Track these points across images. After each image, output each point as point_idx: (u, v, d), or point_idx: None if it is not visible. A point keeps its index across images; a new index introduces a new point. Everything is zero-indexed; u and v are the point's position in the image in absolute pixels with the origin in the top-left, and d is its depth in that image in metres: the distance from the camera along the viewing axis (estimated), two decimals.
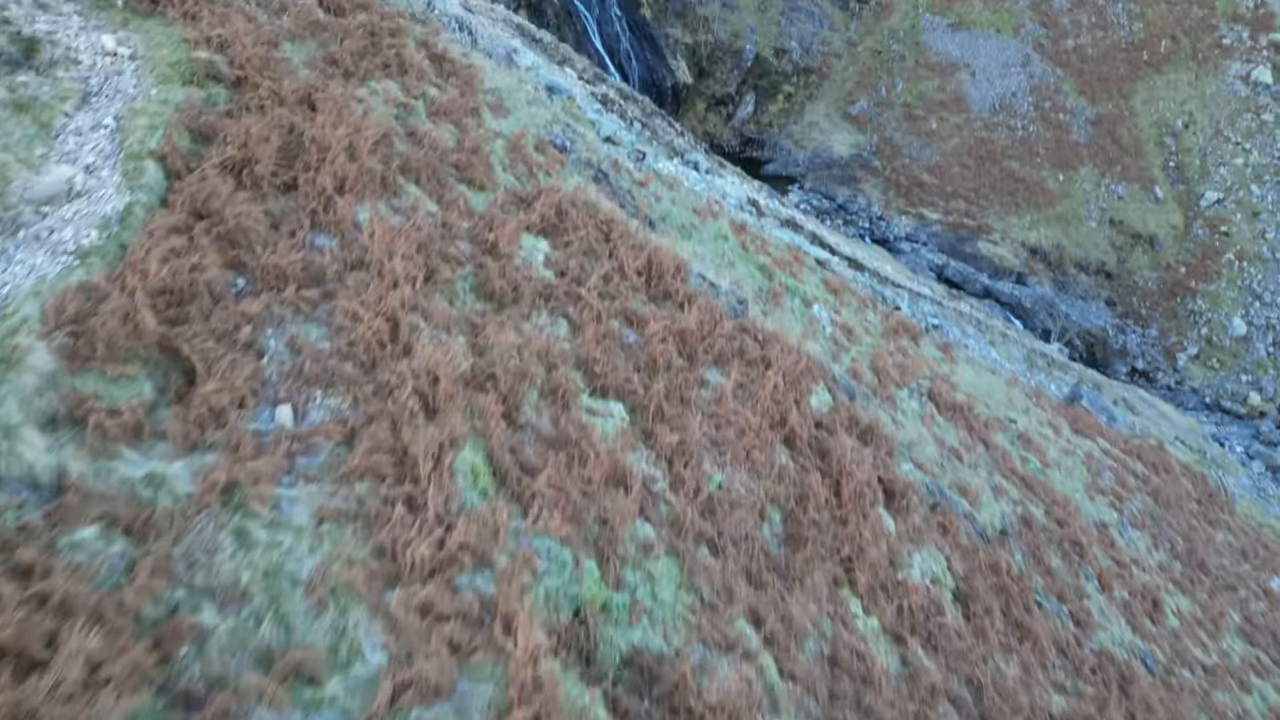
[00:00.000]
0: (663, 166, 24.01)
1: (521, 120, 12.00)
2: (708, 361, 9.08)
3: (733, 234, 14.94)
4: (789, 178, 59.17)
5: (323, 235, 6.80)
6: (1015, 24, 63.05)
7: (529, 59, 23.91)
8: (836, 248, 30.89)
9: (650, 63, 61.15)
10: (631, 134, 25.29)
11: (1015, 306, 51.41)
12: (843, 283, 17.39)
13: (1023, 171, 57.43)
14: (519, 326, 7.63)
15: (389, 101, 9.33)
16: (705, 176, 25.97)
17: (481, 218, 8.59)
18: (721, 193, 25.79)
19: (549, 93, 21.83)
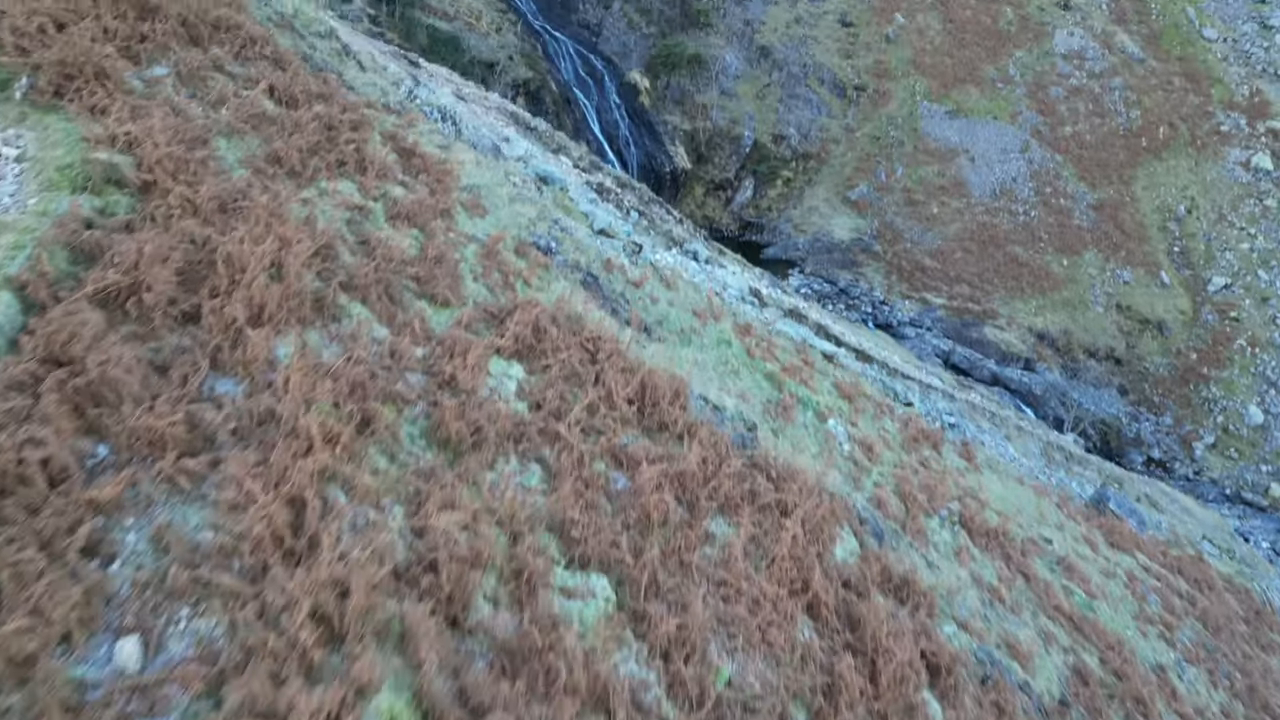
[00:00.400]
0: (660, 258, 22.96)
1: (501, 220, 10.79)
2: (712, 510, 7.58)
3: (737, 338, 13.63)
4: (789, 262, 58.66)
5: (225, 380, 5.40)
6: (1012, 111, 63.63)
7: (521, 148, 23.13)
8: (842, 338, 29.70)
9: (649, 149, 61.45)
10: (628, 224, 24.34)
11: (1025, 394, 50.06)
12: (856, 387, 16.02)
13: (1026, 256, 56.93)
14: (478, 482, 6.17)
15: (341, 205, 8.08)
16: (705, 267, 24.93)
17: (441, 341, 7.22)
18: (722, 283, 24.71)
19: (541, 183, 20.92)
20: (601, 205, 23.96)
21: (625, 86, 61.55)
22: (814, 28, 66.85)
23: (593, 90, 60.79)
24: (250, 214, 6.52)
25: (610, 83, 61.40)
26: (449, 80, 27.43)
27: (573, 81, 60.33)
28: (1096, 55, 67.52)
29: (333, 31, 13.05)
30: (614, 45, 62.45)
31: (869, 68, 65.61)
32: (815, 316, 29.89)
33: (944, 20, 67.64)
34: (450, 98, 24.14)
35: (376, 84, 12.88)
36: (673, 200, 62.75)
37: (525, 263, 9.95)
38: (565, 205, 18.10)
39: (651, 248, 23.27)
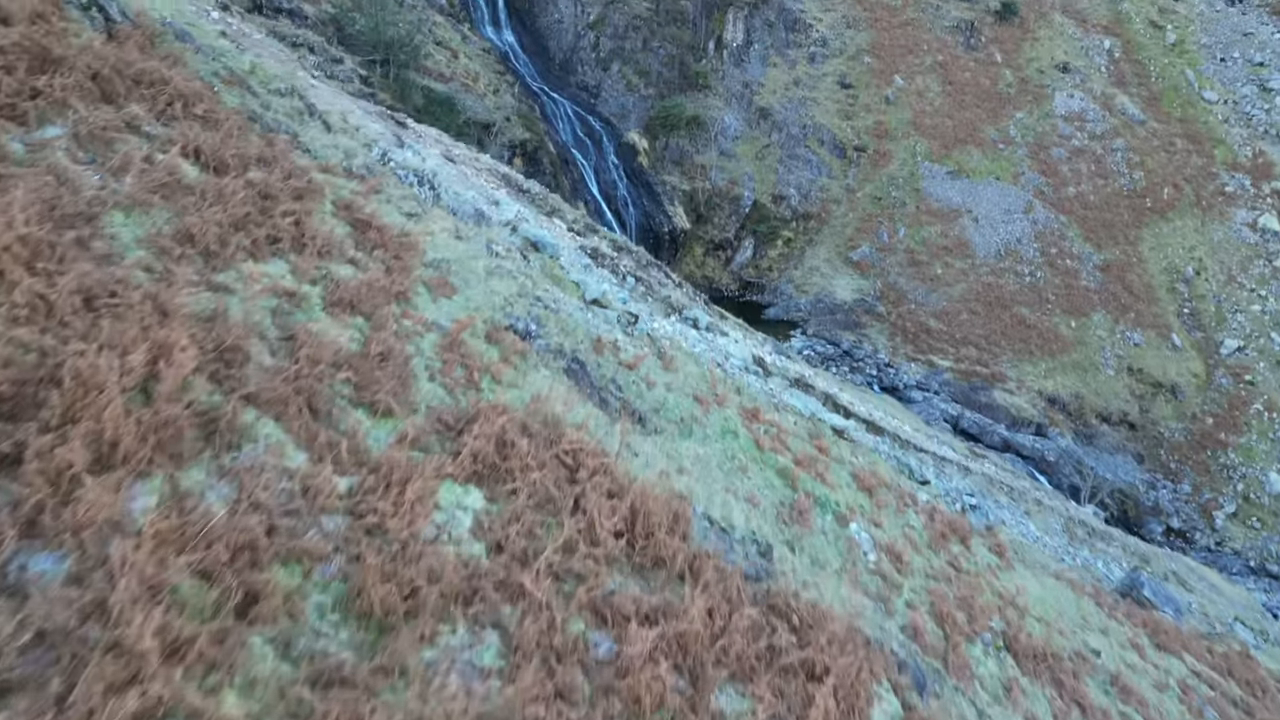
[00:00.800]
0: (659, 326, 21.60)
1: (473, 300, 9.37)
2: (721, 680, 5.97)
3: (743, 426, 12.12)
4: (791, 322, 57.51)
5: (42, 555, 3.87)
6: (1014, 172, 63.22)
7: (512, 211, 21.95)
8: (852, 408, 28.18)
9: (647, 209, 60.84)
10: (624, 290, 23.03)
11: (1039, 461, 48.33)
12: (875, 475, 14.43)
13: (1034, 318, 55.76)
14: (408, 671, 4.59)
15: (266, 292, 6.65)
16: (706, 335, 23.55)
17: (376, 467, 5.71)
18: (724, 353, 23.30)
19: (531, 249, 19.65)
20: (596, 271, 22.69)
21: (623, 147, 61.22)
22: (813, 89, 66.92)
23: (591, 151, 60.42)
24: (125, 312, 5.06)
25: (608, 143, 61.09)
26: (439, 141, 26.45)
27: (571, 142, 59.98)
28: (1097, 117, 67.48)
29: (294, 89, 11.84)
30: (612, 107, 62.32)
31: (869, 128, 65.45)
32: (822, 386, 28.41)
33: (943, 82, 67.76)
34: (437, 159, 23.06)
35: (341, 146, 11.62)
36: (672, 260, 61.91)
37: (498, 352, 8.50)
38: (555, 274, 16.76)
39: (649, 316, 21.92)
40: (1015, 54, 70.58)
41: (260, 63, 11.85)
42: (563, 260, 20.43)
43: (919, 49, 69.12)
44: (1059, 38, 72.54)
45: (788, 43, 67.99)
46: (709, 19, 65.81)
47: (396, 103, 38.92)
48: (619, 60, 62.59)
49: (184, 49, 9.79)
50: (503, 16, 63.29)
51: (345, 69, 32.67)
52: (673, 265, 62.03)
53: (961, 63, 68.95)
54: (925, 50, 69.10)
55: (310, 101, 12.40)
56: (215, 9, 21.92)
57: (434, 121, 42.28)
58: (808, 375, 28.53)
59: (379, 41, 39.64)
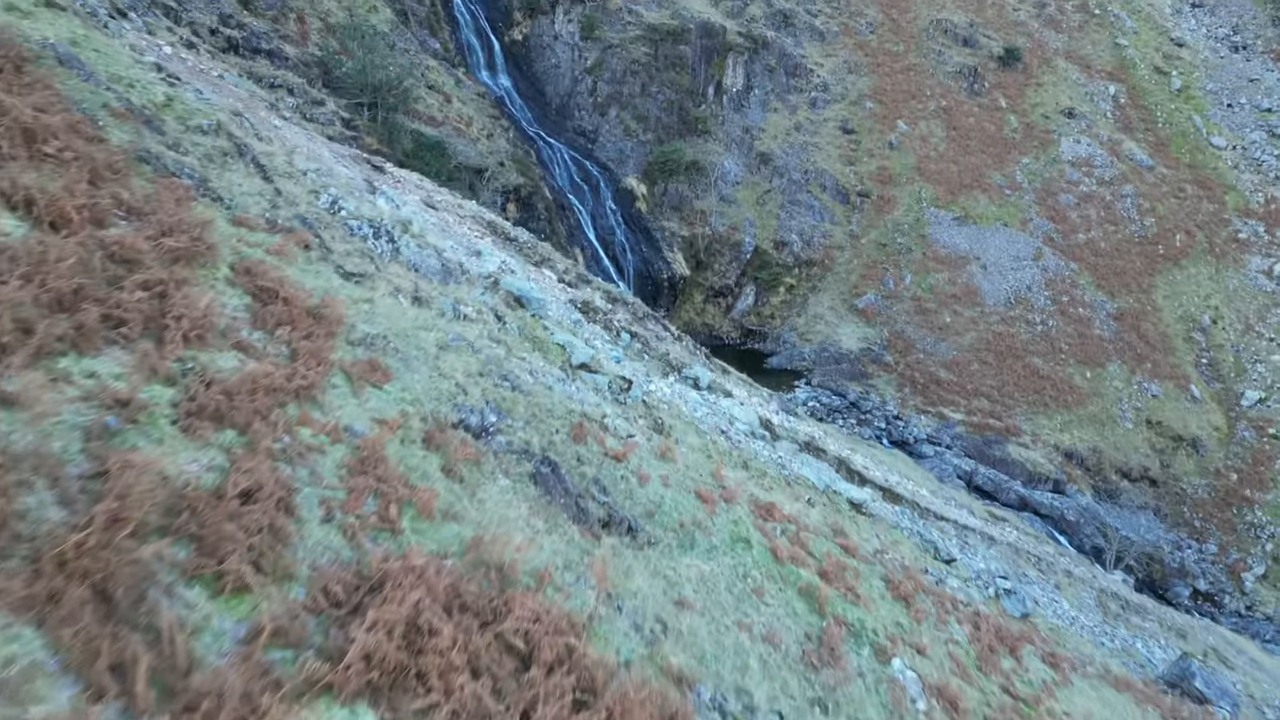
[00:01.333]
0: (656, 389, 19.57)
1: (414, 388, 7.32)
2: None
3: (756, 529, 10.00)
4: (795, 372, 55.51)
5: None
6: (1023, 218, 61.79)
7: (494, 262, 20.07)
8: (867, 473, 26.02)
9: (646, 255, 59.27)
10: (618, 348, 21.05)
11: (1058, 520, 45.94)
12: (910, 577, 12.27)
13: (1047, 368, 53.77)
14: None
15: (81, 402, 4.62)
16: (708, 397, 21.50)
17: (201, 696, 3.61)
18: (729, 417, 21.23)
19: (515, 305, 17.71)
20: (587, 327, 20.73)
21: (621, 193, 59.85)
22: (815, 134, 65.84)
23: (588, 197, 59.04)
24: None
25: (606, 189, 59.73)
26: (419, 187, 24.71)
27: (567, 188, 58.61)
28: (1105, 162, 66.32)
29: (220, 127, 9.94)
30: (610, 152, 61.11)
31: (872, 174, 64.21)
32: (834, 449, 26.27)
33: (947, 127, 66.73)
34: (415, 206, 21.25)
35: (271, 193, 9.68)
36: (671, 308, 60.15)
37: (438, 461, 6.43)
38: (537, 336, 14.77)
39: (645, 378, 19.90)
40: (1019, 99, 69.72)
41: (181, 96, 10.00)
42: (549, 317, 18.50)
43: (922, 94, 68.25)
44: (1063, 83, 71.78)
45: (788, 88, 67.12)
46: (708, 64, 65.00)
47: (384, 147, 37.42)
48: (617, 105, 61.57)
49: (63, 74, 7.89)
50: (499, 61, 62.41)
51: (326, 111, 31.14)
52: (672, 313, 60.27)
53: (965, 108, 68.02)
54: (928, 95, 68.23)
55: (244, 141, 10.50)
56: (173, 45, 20.26)
57: (424, 166, 40.78)
58: (818, 437, 26.41)
59: (366, 84, 38.27)
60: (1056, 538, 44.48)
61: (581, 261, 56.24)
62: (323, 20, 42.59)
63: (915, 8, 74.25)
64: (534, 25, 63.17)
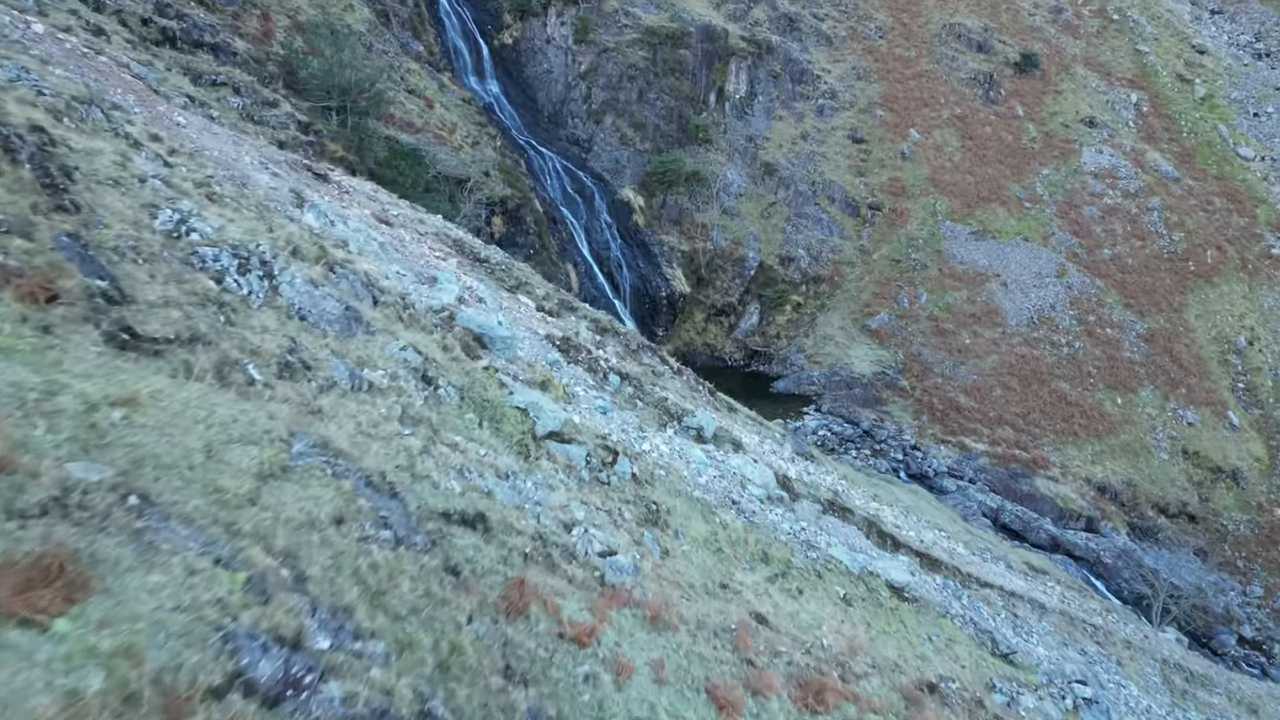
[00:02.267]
0: (650, 450, 15.86)
1: (141, 607, 3.63)
2: None
3: None
4: (803, 397, 51.76)
5: None
6: (1044, 232, 58.24)
7: (452, 291, 16.40)
8: (900, 534, 22.27)
9: (643, 271, 55.66)
10: (604, 395, 17.35)
11: (1094, 563, 42.14)
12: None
13: (1075, 394, 50.07)
14: None
15: None
16: (714, 455, 17.78)
17: None
18: (739, 478, 17.50)
19: (473, 347, 14.07)
20: (567, 369, 17.05)
21: (617, 205, 56.29)
22: (822, 144, 62.39)
23: (582, 209, 55.48)
24: None
25: (601, 201, 56.17)
26: (373, 199, 21.08)
27: (560, 200, 55.06)
28: (1129, 174, 62.86)
29: None
30: (605, 162, 57.60)
31: (884, 185, 60.71)
32: (860, 504, 22.54)
33: (962, 137, 63.30)
34: (359, 223, 17.61)
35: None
36: (670, 327, 56.48)
37: None
38: (488, 399, 11.07)
39: (637, 436, 16.20)
40: (1038, 107, 66.34)
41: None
42: (516, 365, 14.79)
43: (935, 101, 64.87)
44: (1082, 91, 68.44)
45: (794, 95, 63.71)
46: (709, 69, 61.59)
47: (350, 154, 33.81)
48: (612, 112, 58.10)
49: None
50: (487, 66, 58.99)
51: (279, 114, 27.54)
52: (671, 332, 56.60)
53: (981, 116, 64.62)
54: (942, 103, 64.84)
55: (56, 136, 6.87)
56: (66, 30, 16.69)
57: (397, 176, 37.19)
58: (841, 492, 22.66)
59: (334, 86, 34.71)
60: (1094, 584, 40.69)
61: (574, 278, 52.65)
62: (291, 18, 39.12)
63: (926, 12, 70.99)
64: (525, 28, 59.77)
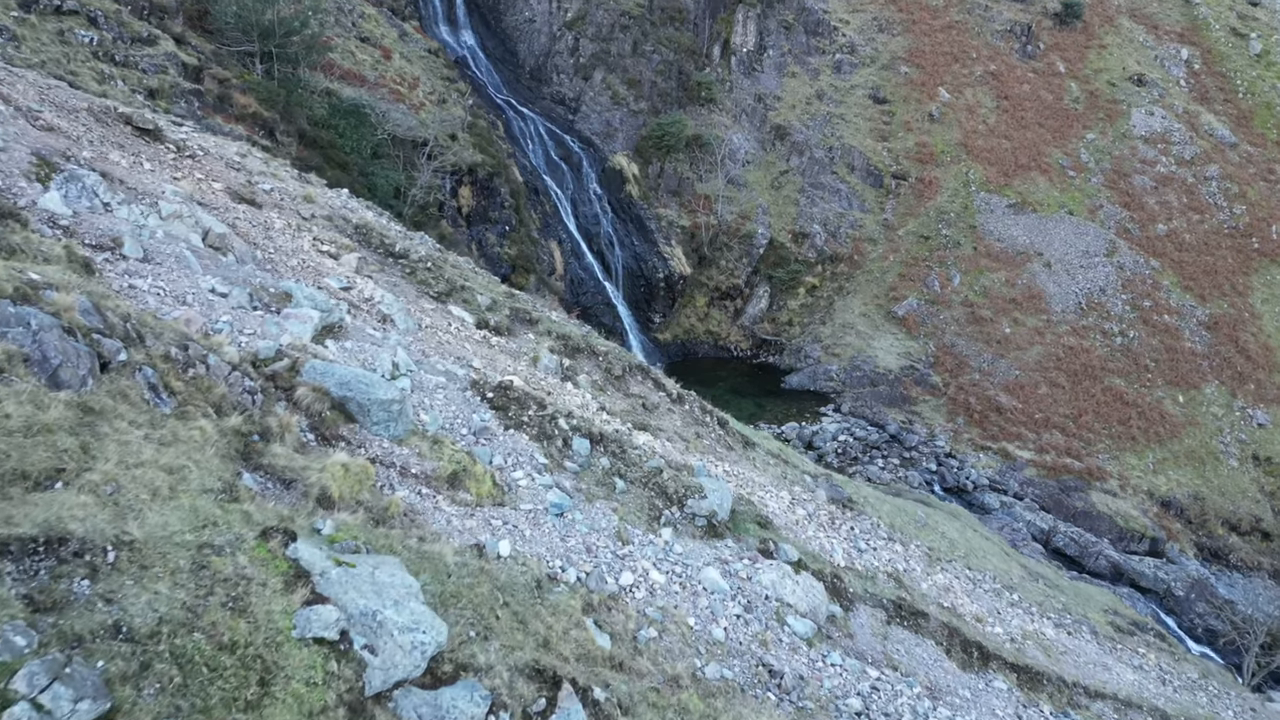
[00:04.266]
0: (634, 579, 9.69)
1: None
2: None
3: None
4: (820, 394, 45.54)
5: None
6: (1090, 205, 51.63)
7: (310, 317, 10.09)
8: (986, 636, 16.17)
9: (638, 250, 49.15)
10: (561, 479, 11.09)
11: (1163, 595, 36.20)
12: None
13: (1131, 392, 43.86)
14: None
15: None
16: (733, 566, 11.57)
17: None
18: (775, 607, 11.34)
19: (335, 418, 7.81)
20: (502, 440, 10.78)
21: (608, 173, 49.62)
22: (840, 104, 55.55)
23: (568, 178, 48.85)
24: None
25: (590, 169, 49.50)
26: (237, 168, 14.64)
27: (543, 167, 48.42)
28: (1183, 138, 56.14)
29: None
30: (595, 124, 50.78)
31: (910, 151, 54.00)
32: (930, 592, 16.41)
33: (997, 96, 56.44)
34: (180, 204, 11.20)
35: None
36: (668, 313, 50.06)
37: None
38: (234, 644, 4.85)
39: (612, 558, 9.99)
40: (1080, 64, 59.39)
41: None
42: (411, 438, 8.48)
43: (966, 57, 57.92)
44: (1129, 45, 61.44)
45: (809, 48, 56.70)
46: (713, 19, 54.57)
47: (272, 111, 27.19)
48: (603, 67, 51.16)
49: None
50: (460, 14, 51.97)
51: (154, 54, 20.98)
52: (669, 319, 50.22)
53: (1018, 73, 57.70)
54: (974, 58, 57.89)
55: None
56: None
57: (336, 137, 30.59)
58: (903, 570, 16.50)
59: (252, 27, 27.99)
60: (1165, 622, 34.80)
61: (559, 258, 46.18)
62: None
63: None
64: None
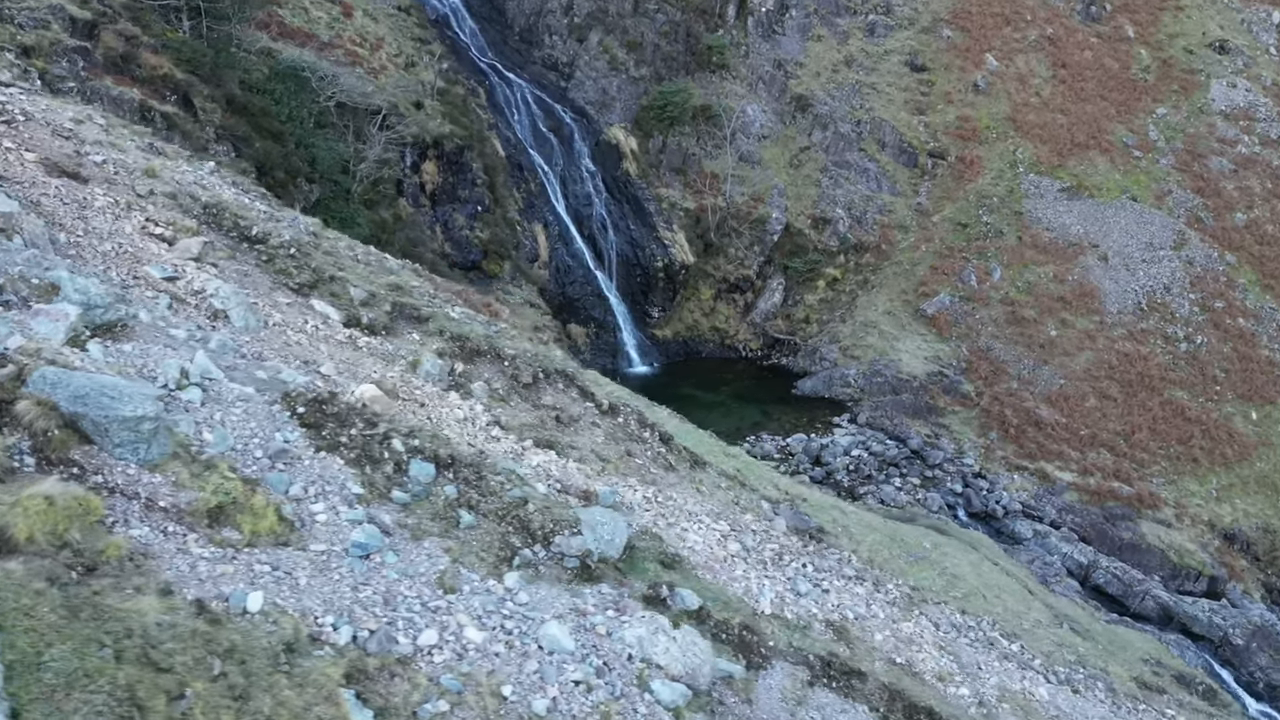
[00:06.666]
0: (441, 638, 8.81)
1: None
2: None
3: None
4: (835, 402, 44.39)
5: None
6: (1158, 190, 49.85)
7: (67, 313, 9.47)
8: (946, 701, 15.15)
9: (634, 235, 48.30)
10: (380, 512, 10.35)
11: (1219, 644, 34.66)
12: None
13: (1196, 407, 42.22)
14: None
15: None
16: (594, 620, 10.71)
17: None
18: (637, 670, 10.41)
19: (68, 431, 6.98)
20: (307, 465, 10.04)
21: (603, 148, 48.83)
22: (872, 72, 54.21)
23: (557, 152, 48.16)
24: None
25: (582, 142, 48.77)
26: (67, 135, 14.05)
27: (529, 140, 47.80)
28: (1269, 115, 53.99)
29: None
30: (589, 92, 50.01)
31: (950, 126, 52.55)
32: (882, 645, 15.38)
33: (1053, 64, 54.72)
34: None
35: None
36: (668, 307, 49.15)
37: None
38: None
39: (422, 611, 9.18)
40: (1153, 27, 57.40)
41: None
42: (174, 461, 7.79)
43: (1019, 19, 56.27)
44: (1211, 7, 59.27)
45: (837, 8, 55.42)
46: None
47: (197, 73, 26.76)
48: (600, 28, 50.35)
49: None
50: None
51: (35, 8, 20.59)
52: (670, 314, 49.35)
53: (1079, 38, 55.91)
54: (1028, 21, 56.22)
55: None
56: None
57: (272, 104, 30.18)
58: (853, 618, 15.55)
59: None
60: (1219, 674, 33.28)
61: (543, 243, 45.52)
62: None
63: None
64: None
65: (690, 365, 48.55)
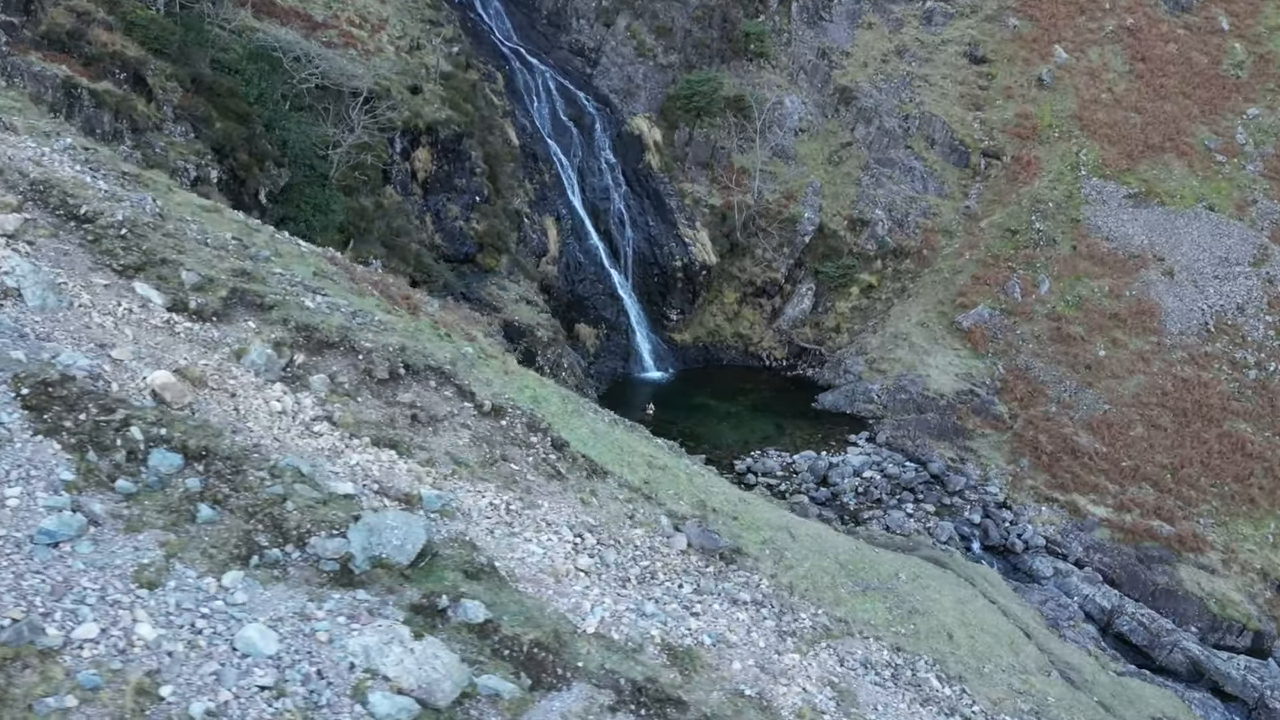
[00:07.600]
0: (84, 636, 8.92)
1: None
2: None
3: None
4: (857, 418, 43.41)
5: None
6: (1241, 199, 47.37)
7: None
8: None
9: (653, 232, 48.13)
10: (98, 502, 10.49)
11: (1254, 706, 32.60)
12: None
13: (1260, 441, 40.06)
14: None
15: None
16: (316, 624, 10.63)
17: None
18: (357, 675, 10.27)
19: None
20: None
21: (625, 138, 48.88)
22: (926, 63, 52.89)
23: (576, 142, 48.41)
24: None
25: (603, 133, 48.89)
26: None
27: (548, 129, 48.16)
28: None
29: None
30: (614, 79, 50.11)
31: (1008, 124, 50.93)
32: None
33: (1131, 58, 52.46)
34: None
35: None
36: (688, 310, 48.83)
37: None
38: None
39: (69, 614, 9.28)
40: (1251, 19, 54.55)
41: None
42: None
43: (1095, 8, 54.22)
44: None
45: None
46: None
47: (143, 50, 27.73)
48: (629, 12, 50.42)
49: None
50: None
51: None
52: (690, 317, 49.01)
53: (1163, 29, 53.50)
54: (1106, 9, 54.10)
55: None
56: None
57: (241, 85, 31.13)
58: (701, 675, 15.06)
59: None
60: None
61: (554, 237, 45.75)
62: None
63: None
64: None
65: (709, 373, 48.15)
